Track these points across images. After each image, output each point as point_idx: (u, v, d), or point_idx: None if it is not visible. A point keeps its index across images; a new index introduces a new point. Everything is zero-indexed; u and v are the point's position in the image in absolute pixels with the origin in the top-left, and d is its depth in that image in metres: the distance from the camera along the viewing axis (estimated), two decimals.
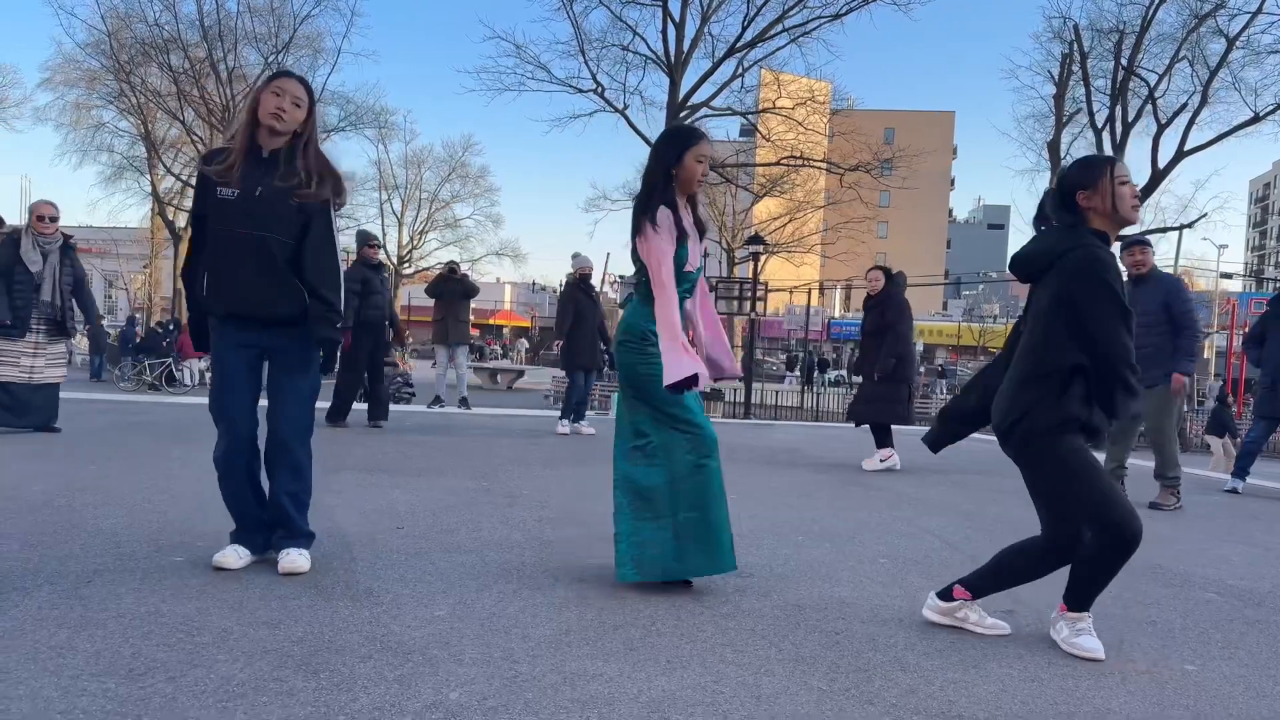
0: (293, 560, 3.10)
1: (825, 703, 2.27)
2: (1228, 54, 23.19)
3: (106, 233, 40.91)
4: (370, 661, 2.35)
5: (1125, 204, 2.71)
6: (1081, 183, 2.75)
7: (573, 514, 4.48)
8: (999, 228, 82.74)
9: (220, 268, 3.03)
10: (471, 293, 10.31)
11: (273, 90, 3.00)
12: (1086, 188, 2.73)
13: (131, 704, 2.02)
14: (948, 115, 72.19)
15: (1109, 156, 2.86)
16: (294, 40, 29.85)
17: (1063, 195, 2.78)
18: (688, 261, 3.17)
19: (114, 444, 6.09)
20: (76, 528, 3.60)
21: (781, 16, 24.86)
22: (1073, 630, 2.80)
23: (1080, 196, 2.74)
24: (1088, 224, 2.74)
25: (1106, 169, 2.73)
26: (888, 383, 7.15)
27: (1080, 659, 2.72)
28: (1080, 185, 2.75)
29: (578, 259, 9.04)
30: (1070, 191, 2.76)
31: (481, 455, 6.56)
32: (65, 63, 32.20)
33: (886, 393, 7.17)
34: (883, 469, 7.01)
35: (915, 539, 4.39)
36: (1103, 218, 2.73)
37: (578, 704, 2.16)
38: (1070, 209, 2.77)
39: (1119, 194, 2.71)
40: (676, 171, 3.14)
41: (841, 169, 26.91)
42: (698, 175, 3.17)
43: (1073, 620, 2.82)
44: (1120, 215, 2.72)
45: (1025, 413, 2.75)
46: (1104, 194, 2.71)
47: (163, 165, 33.01)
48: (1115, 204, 2.71)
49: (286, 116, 2.99)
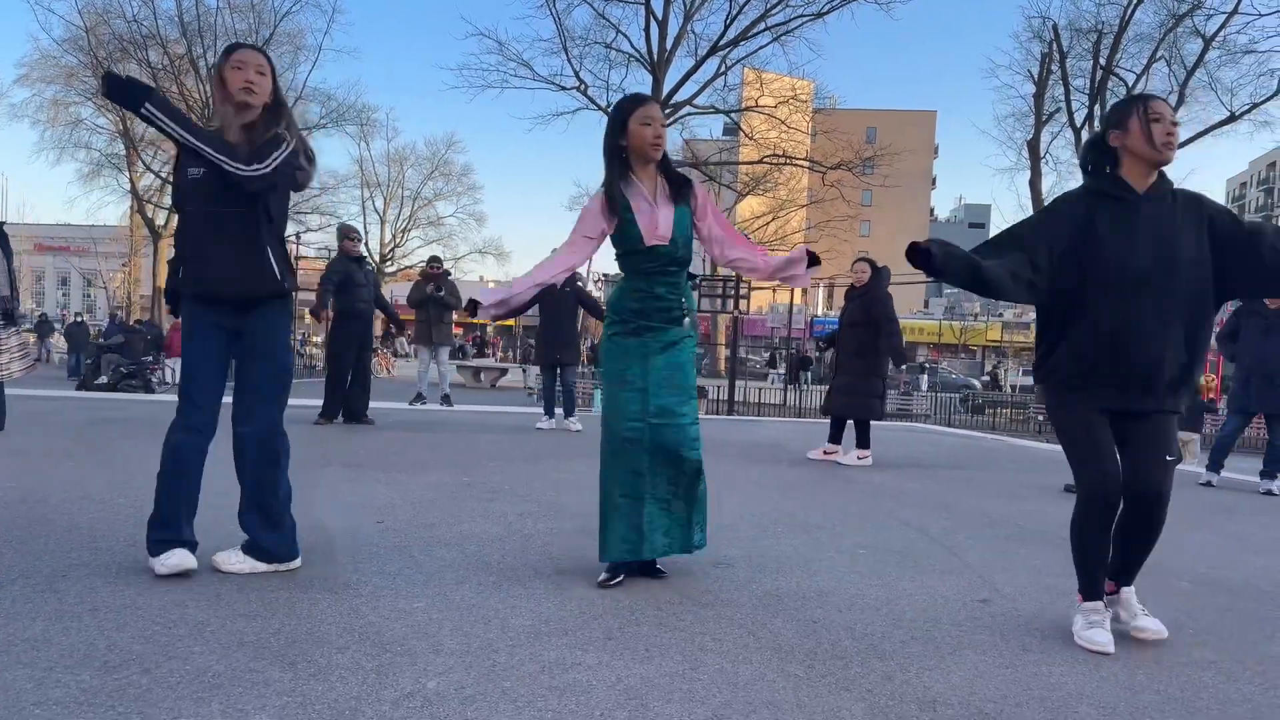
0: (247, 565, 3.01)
1: (802, 689, 2.28)
2: (1204, 54, 23.47)
3: (85, 231, 40.53)
4: (348, 652, 2.35)
5: (1157, 140, 2.66)
6: (1113, 123, 2.74)
7: (554, 508, 4.48)
8: (980, 226, 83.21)
9: (189, 248, 2.96)
10: (453, 307, 10.24)
11: (233, 65, 2.92)
12: (1118, 127, 2.72)
13: (105, 695, 2.01)
14: (929, 114, 72.55)
15: (1143, 94, 2.81)
16: (274, 36, 29.68)
17: (1101, 139, 2.78)
18: (643, 238, 3.10)
19: (89, 440, 6.04)
20: (51, 523, 3.57)
21: (764, 15, 24.98)
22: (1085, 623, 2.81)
23: (1113, 137, 2.73)
24: (1120, 166, 2.74)
25: (1136, 106, 2.70)
26: (866, 375, 7.15)
27: (1055, 648, 2.74)
28: (1112, 125, 2.74)
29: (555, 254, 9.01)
30: (1104, 135, 2.76)
31: (463, 451, 6.55)
32: (42, 59, 31.92)
33: (864, 386, 7.13)
34: (859, 464, 7.04)
35: (893, 530, 4.42)
36: (1136, 157, 2.70)
37: (555, 692, 2.17)
38: (1107, 152, 2.76)
39: (1152, 131, 2.66)
40: (625, 143, 3.11)
41: (824, 167, 27.05)
42: (649, 139, 3.09)
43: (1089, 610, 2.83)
44: (1154, 150, 2.67)
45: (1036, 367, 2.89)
46: (1136, 132, 2.68)
47: (141, 162, 32.72)
48: (1148, 140, 2.67)
49: (256, 88, 2.91)
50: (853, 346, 7.18)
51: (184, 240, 2.99)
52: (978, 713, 2.20)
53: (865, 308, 7.14)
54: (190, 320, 3.00)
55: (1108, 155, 2.77)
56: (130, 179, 33.78)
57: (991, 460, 8.41)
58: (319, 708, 2.01)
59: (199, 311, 2.99)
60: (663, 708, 2.11)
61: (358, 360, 8.25)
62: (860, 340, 7.14)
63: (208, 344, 2.98)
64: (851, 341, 7.18)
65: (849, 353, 7.19)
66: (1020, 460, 8.65)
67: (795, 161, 28.29)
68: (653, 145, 3.11)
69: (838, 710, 2.17)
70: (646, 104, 3.16)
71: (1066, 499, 5.97)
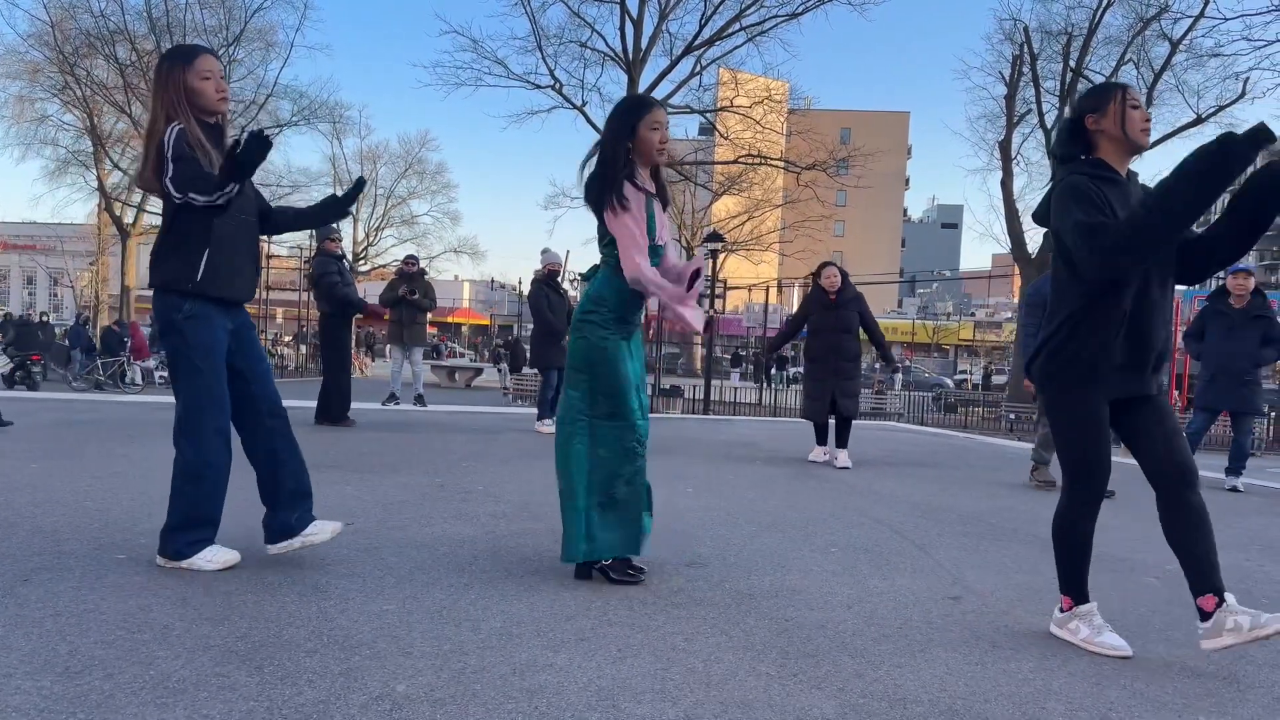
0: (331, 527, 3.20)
1: (774, 687, 2.29)
2: (1171, 57, 23.78)
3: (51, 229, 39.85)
4: (316, 656, 2.32)
5: (1134, 127, 2.65)
6: (1090, 107, 2.71)
7: (527, 509, 4.46)
8: (952, 227, 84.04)
9: (223, 254, 2.99)
10: (427, 308, 10.20)
11: (202, 75, 2.93)
12: (1095, 111, 2.69)
13: (66, 702, 1.97)
14: (902, 115, 73.16)
15: (1120, 83, 2.78)
16: (245, 33, 29.33)
17: (1074, 122, 2.74)
18: (656, 235, 3.15)
19: (58, 442, 5.94)
20: (14, 526, 3.50)
21: (739, 15, 24.96)
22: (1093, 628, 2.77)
23: (1089, 120, 2.70)
24: (1096, 151, 2.71)
25: (1116, 92, 2.69)
26: (858, 377, 7.26)
27: (1024, 645, 2.77)
28: (1089, 109, 2.71)
29: (546, 254, 8.97)
30: (1080, 117, 2.72)
31: (436, 452, 6.51)
32: (6, 54, 31.33)
33: (859, 387, 7.28)
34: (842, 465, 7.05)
35: (866, 528, 4.44)
36: (1113, 142, 2.68)
37: (526, 694, 2.16)
38: (1080, 136, 2.73)
39: (1129, 117, 2.65)
40: (633, 144, 3.12)
41: (799, 168, 27.12)
42: (655, 144, 3.12)
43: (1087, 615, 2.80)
44: (1130, 139, 2.66)
45: (1035, 355, 2.80)
46: (1113, 117, 2.66)
47: (109, 160, 32.21)
48: (1124, 127, 2.65)
49: (228, 95, 3.01)
50: (850, 352, 7.18)
51: (213, 245, 2.97)
52: (947, 710, 2.22)
53: (857, 313, 7.17)
54: (208, 324, 2.99)
55: (1082, 140, 2.73)
56: (98, 176, 33.22)
57: (963, 458, 8.49)
58: (286, 711, 1.98)
59: (217, 315, 3.01)
60: (635, 708, 2.11)
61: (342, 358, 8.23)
62: (854, 344, 7.21)
63: (223, 347, 3.04)
64: (847, 347, 7.16)
65: (845, 358, 7.15)
66: (991, 458, 8.73)
67: (770, 162, 28.34)
68: (659, 150, 3.15)
69: (809, 708, 2.17)
70: (655, 109, 3.18)
71: (1038, 497, 6.04)
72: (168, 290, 2.97)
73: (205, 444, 2.99)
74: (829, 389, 7.10)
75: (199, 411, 2.98)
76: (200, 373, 2.98)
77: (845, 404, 7.12)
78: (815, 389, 7.20)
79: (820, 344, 7.19)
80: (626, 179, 3.08)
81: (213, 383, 2.99)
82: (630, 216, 3.05)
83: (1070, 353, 2.70)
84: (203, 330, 2.98)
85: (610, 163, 3.10)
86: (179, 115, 2.92)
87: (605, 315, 3.15)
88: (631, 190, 3.07)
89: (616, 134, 3.12)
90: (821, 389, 7.15)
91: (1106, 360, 2.66)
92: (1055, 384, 2.76)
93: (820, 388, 7.16)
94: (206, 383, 2.98)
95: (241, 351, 3.11)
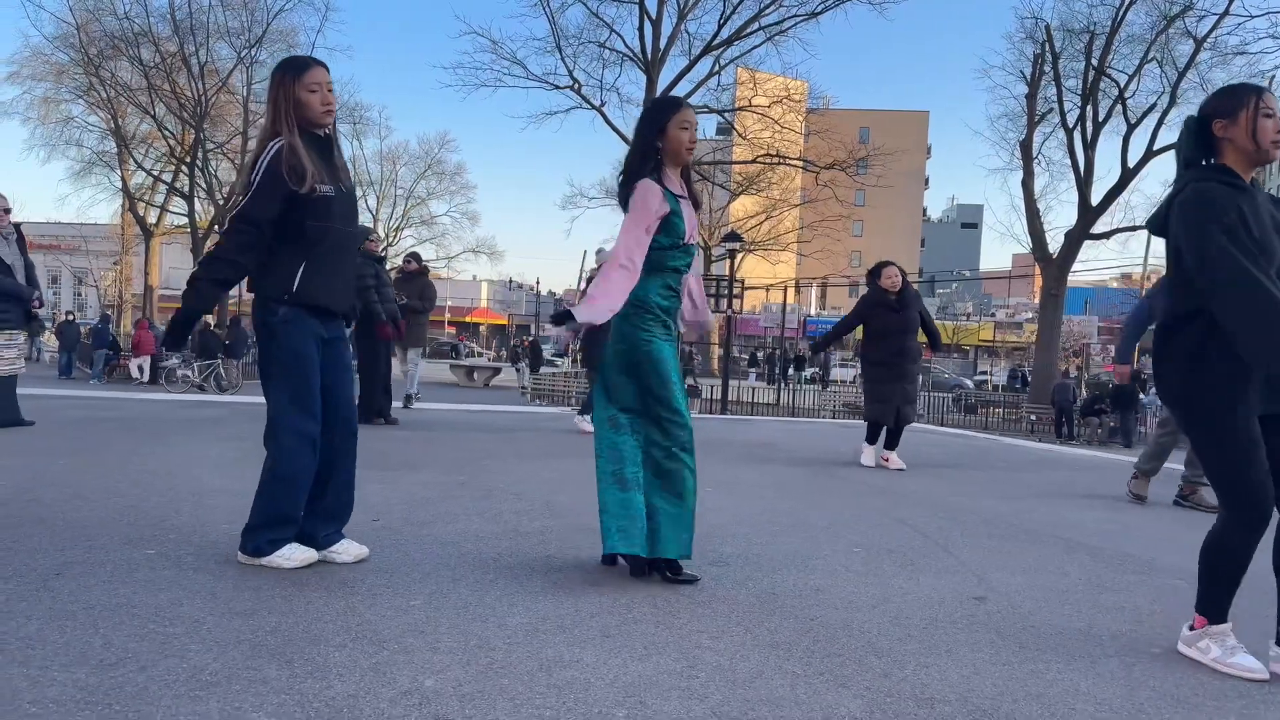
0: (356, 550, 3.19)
1: (800, 686, 2.28)
2: (1195, 55, 23.50)
3: (75, 229, 40.30)
4: (345, 650, 2.34)
5: (1266, 137, 2.47)
6: (1220, 110, 2.53)
7: (548, 507, 4.48)
8: (973, 227, 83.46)
9: (324, 263, 3.02)
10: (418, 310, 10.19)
11: (309, 88, 2.95)
12: (1224, 116, 2.52)
13: (102, 693, 2.00)
14: (922, 115, 72.71)
15: (1257, 85, 2.58)
16: (267, 34, 29.57)
17: (1200, 124, 2.56)
18: (685, 234, 3.14)
19: (84, 439, 6.01)
20: (45, 522, 3.55)
21: (758, 15, 24.97)
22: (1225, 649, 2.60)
23: (1217, 126, 2.53)
24: (1221, 157, 2.54)
25: (1250, 98, 2.49)
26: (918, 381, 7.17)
27: (1052, 646, 2.75)
28: (1218, 113, 2.53)
29: (601, 254, 9.00)
30: (1207, 120, 2.55)
31: (457, 451, 6.54)
32: (33, 56, 31.70)
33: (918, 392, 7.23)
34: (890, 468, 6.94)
35: (889, 529, 4.43)
36: (1239, 152, 2.51)
37: (554, 689, 2.17)
38: (1205, 140, 2.56)
39: (1261, 127, 2.47)
40: (662, 144, 3.11)
41: (817, 167, 27.10)
42: (684, 144, 3.11)
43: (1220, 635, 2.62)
44: (1260, 150, 2.49)
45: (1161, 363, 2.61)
46: (1244, 125, 2.49)
47: (133, 160, 32.55)
48: (1256, 136, 2.47)
49: (334, 108, 3.04)
50: (914, 353, 7.03)
51: (312, 256, 3.00)
52: (975, 709, 2.21)
53: (918, 312, 7.02)
54: (301, 330, 3.02)
55: (1207, 144, 2.56)
56: (122, 177, 33.58)
57: (986, 460, 8.44)
58: (316, 705, 2.00)
59: (312, 322, 3.03)
60: (661, 705, 2.11)
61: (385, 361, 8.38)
62: (917, 346, 7.06)
63: (315, 355, 3.06)
64: (912, 348, 6.99)
65: (911, 359, 7.00)
66: (1013, 459, 8.68)
67: (789, 161, 28.33)
68: (688, 149, 3.15)
69: (835, 706, 2.17)
70: (685, 108, 3.17)
71: (1062, 498, 5.99)
72: (264, 296, 3.02)
73: (287, 446, 3.01)
74: (897, 392, 6.92)
75: (284, 414, 3.02)
76: (288, 377, 3.01)
77: (908, 411, 7.00)
78: (884, 392, 6.94)
79: (887, 347, 6.94)
80: (653, 178, 3.08)
81: (300, 387, 3.01)
82: (636, 213, 3.03)
83: (1217, 366, 2.48)
84: (295, 335, 3.00)
85: (636, 160, 3.11)
86: (285, 127, 2.95)
87: (645, 317, 3.14)
88: (650, 187, 3.06)
89: (646, 132, 3.12)
90: (890, 392, 6.92)
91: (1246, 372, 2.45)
92: (1203, 401, 2.52)
93: (889, 391, 6.92)
94: (294, 386, 3.01)
95: (329, 365, 3.12)
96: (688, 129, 3.11)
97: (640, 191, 3.05)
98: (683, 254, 3.15)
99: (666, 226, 3.10)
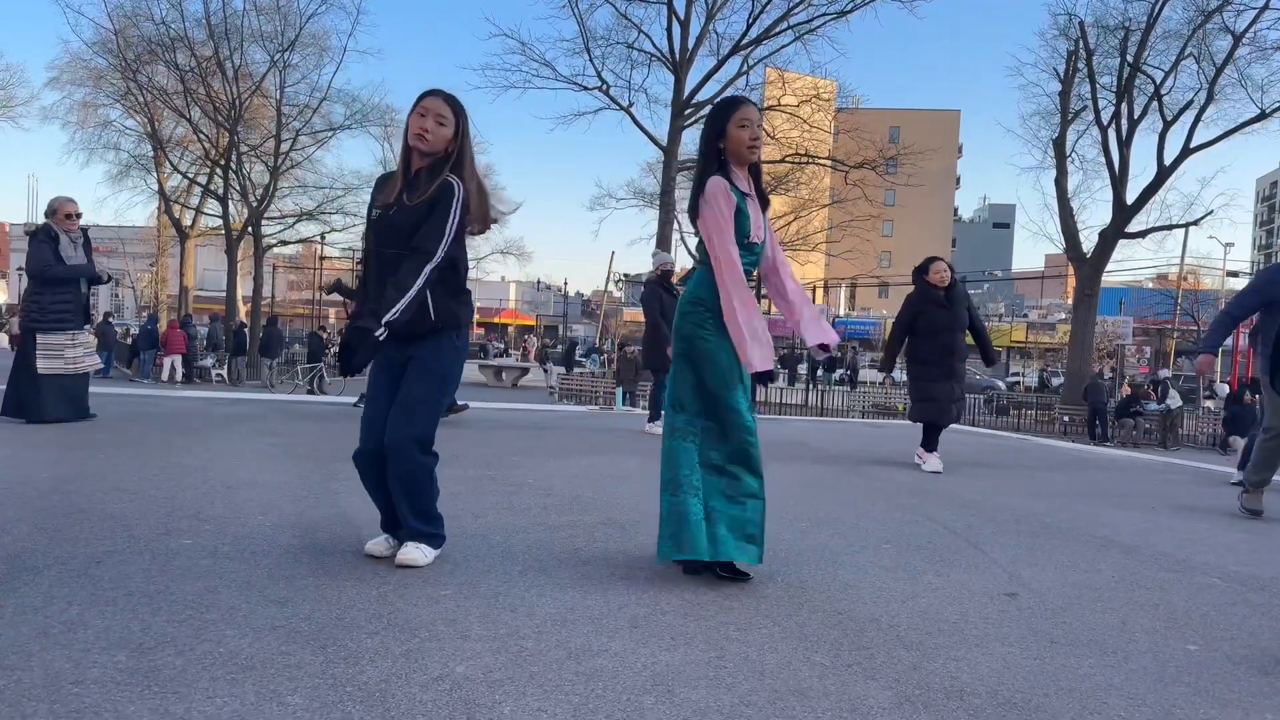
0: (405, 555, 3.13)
1: (828, 677, 2.28)
2: (1234, 51, 23.07)
3: (113, 231, 40.99)
4: (377, 637, 2.37)
5: None
6: None
7: (576, 501, 4.50)
8: (1004, 226, 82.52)
9: (371, 283, 3.10)
10: None
11: (418, 111, 2.98)
12: None
13: (141, 676, 2.04)
14: (953, 114, 72.09)
15: None
16: (300, 38, 29.87)
17: None
18: (751, 233, 3.11)
19: (123, 434, 6.13)
20: (85, 512, 3.62)
21: (786, 14, 24.84)
22: None
23: None
24: None
25: None
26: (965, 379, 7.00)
27: (1084, 642, 2.72)
28: None
29: (658, 256, 8.92)
30: None
31: (486, 447, 6.59)
32: (72, 61, 32.29)
33: None
34: None
35: (918, 526, 4.40)
36: None
37: (582, 677, 2.18)
38: None
39: None
40: (723, 144, 3.11)
41: (846, 167, 26.92)
42: (746, 141, 3.09)
43: None
44: None
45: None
46: None
47: (169, 163, 33.06)
48: None
49: (430, 136, 2.96)
50: (963, 351, 6.86)
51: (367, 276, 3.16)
52: (1006, 702, 2.20)
53: (967, 310, 6.86)
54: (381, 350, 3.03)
55: None
56: (158, 179, 34.13)
57: (1017, 458, 8.35)
58: (350, 689, 2.03)
59: (391, 343, 3.01)
60: (689, 694, 2.12)
61: None
62: (964, 343, 6.88)
63: (382, 376, 3.12)
64: (960, 346, 6.82)
65: (960, 357, 6.83)
66: (1044, 458, 8.58)
67: (818, 161, 28.13)
68: (749, 147, 3.12)
69: (865, 698, 2.16)
70: (744, 106, 3.16)
71: (1095, 497, 5.92)
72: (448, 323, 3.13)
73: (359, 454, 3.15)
74: (948, 391, 6.75)
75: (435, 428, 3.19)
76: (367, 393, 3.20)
77: (954, 410, 6.83)
78: (936, 391, 6.74)
79: (936, 345, 6.74)
80: (719, 175, 3.07)
81: (367, 403, 3.15)
82: (714, 210, 3.02)
83: None
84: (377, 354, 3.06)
85: (701, 162, 3.13)
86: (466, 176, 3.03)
87: (703, 315, 3.12)
88: (718, 183, 3.05)
89: (707, 135, 3.13)
90: (941, 390, 6.73)
91: None
92: None
93: (940, 389, 6.73)
94: (367, 402, 3.18)
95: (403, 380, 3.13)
96: (747, 126, 3.09)
97: (709, 193, 3.05)
98: (747, 252, 3.12)
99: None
